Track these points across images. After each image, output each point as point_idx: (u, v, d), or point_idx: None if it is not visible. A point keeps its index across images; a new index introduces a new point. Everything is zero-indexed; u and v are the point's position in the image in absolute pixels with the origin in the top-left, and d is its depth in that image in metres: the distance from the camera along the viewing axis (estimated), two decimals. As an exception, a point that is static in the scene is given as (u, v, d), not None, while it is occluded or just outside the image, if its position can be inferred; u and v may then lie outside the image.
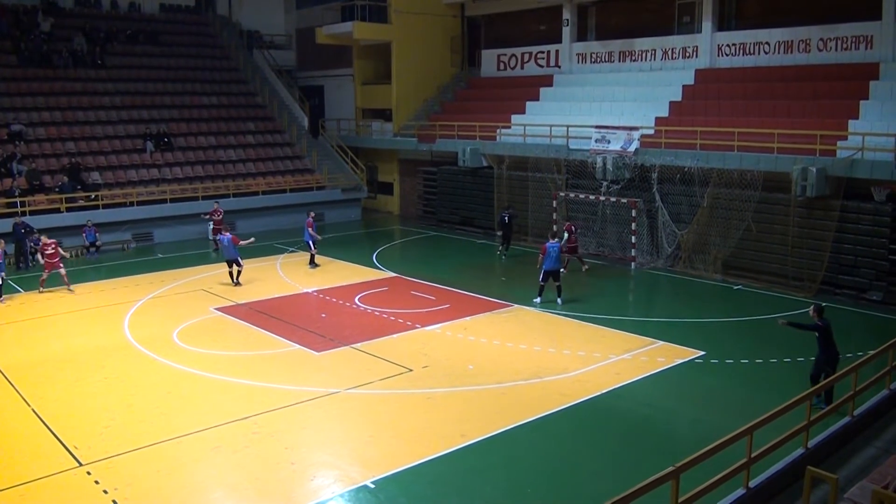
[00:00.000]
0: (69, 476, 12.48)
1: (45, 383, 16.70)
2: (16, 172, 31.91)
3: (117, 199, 32.61)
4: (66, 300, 23.83)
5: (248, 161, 37.99)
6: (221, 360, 17.88)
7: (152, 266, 28.16)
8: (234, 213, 34.92)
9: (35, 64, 37.64)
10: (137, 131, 36.77)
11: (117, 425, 14.42)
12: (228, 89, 41.89)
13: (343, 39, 40.87)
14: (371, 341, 18.90)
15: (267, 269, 27.38)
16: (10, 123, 34.04)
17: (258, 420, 14.40)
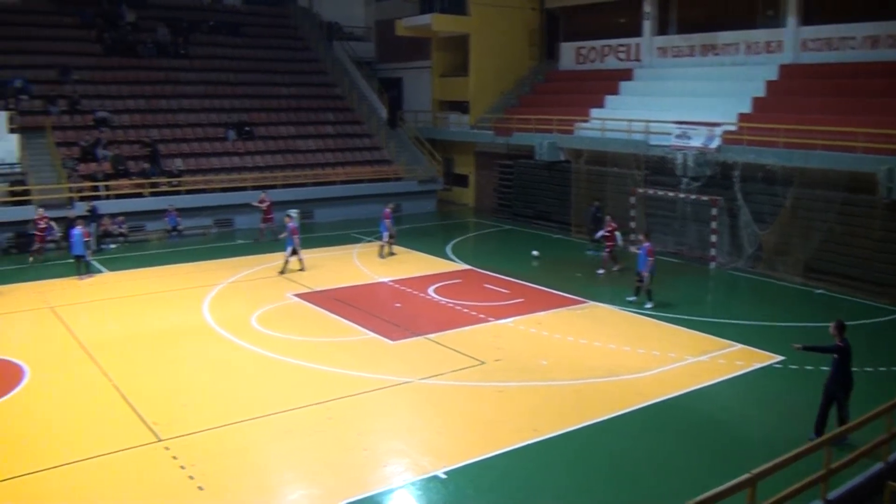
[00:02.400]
0: (148, 450, 12.90)
1: (127, 360, 17.27)
2: (101, 157, 32.98)
3: (199, 185, 33.42)
4: (148, 281, 24.57)
5: (326, 151, 38.49)
6: (297, 345, 18.18)
7: (232, 251, 28.80)
8: (313, 202, 35.53)
9: (120, 53, 38.88)
10: (219, 120, 37.61)
11: (195, 404, 14.82)
12: (308, 80, 42.49)
13: (422, 31, 41.06)
14: (444, 332, 18.98)
15: (344, 258, 27.74)
16: (95, 110, 35.19)
17: (332, 405, 14.60)
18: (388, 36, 44.70)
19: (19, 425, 14.04)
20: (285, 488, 11.83)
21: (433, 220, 36.92)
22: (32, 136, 32.58)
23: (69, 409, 14.75)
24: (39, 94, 34.94)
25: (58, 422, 14.16)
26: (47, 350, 18.12)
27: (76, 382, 16.07)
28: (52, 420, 14.24)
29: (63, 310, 21.35)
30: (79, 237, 24.98)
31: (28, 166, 31.24)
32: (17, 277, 25.35)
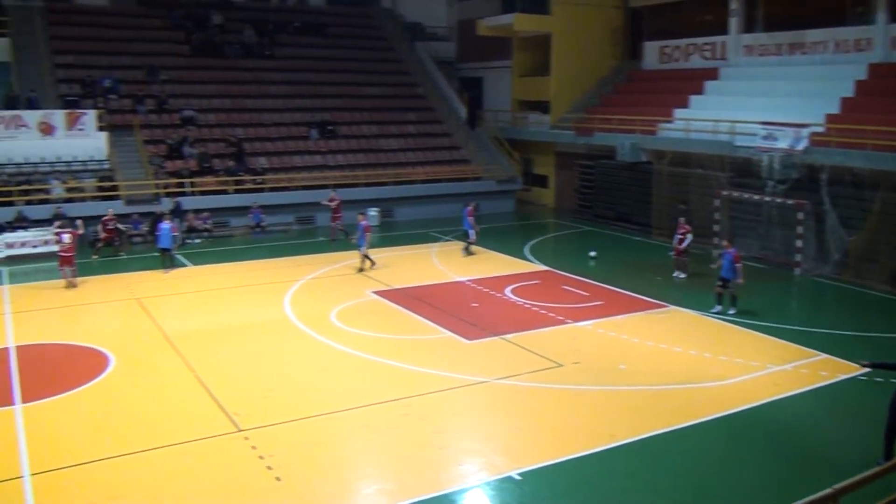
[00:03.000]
0: (228, 439, 13.20)
1: (209, 352, 17.71)
2: (187, 155, 33.92)
3: (282, 183, 34.06)
4: (231, 276, 25.16)
5: (407, 150, 38.78)
6: (376, 341, 18.35)
7: (313, 248, 29.27)
8: (393, 201, 35.85)
9: (207, 54, 40.00)
10: (303, 119, 38.26)
11: (275, 396, 15.09)
12: (390, 80, 42.86)
13: (503, 31, 41.00)
14: (521, 333, 18.90)
15: (422, 257, 27.91)
16: (182, 109, 36.23)
17: (409, 402, 14.69)
18: (470, 36, 44.78)
19: (102, 411, 14.54)
20: (361, 482, 11.95)
21: (511, 220, 36.82)
22: (121, 133, 33.71)
23: (152, 396, 15.20)
24: (128, 94, 36.16)
25: (140, 409, 14.60)
26: (132, 340, 18.71)
27: (159, 371, 16.56)
28: (134, 407, 14.70)
29: (148, 301, 22.03)
30: (167, 231, 25.82)
31: (116, 163, 32.32)
32: (105, 269, 26.32)
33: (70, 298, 22.86)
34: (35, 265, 26.55)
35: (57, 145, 31.83)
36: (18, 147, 31.31)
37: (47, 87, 34.74)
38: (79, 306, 22.04)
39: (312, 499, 11.33)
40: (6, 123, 31.20)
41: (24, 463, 12.41)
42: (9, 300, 22.53)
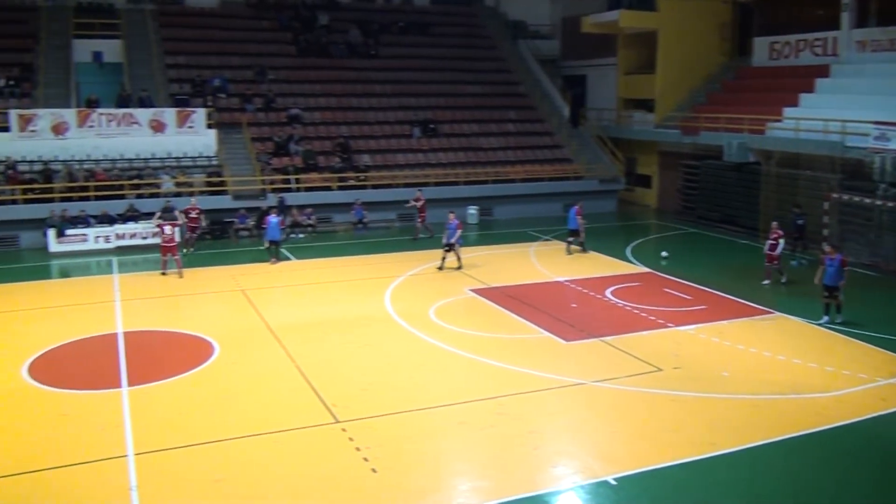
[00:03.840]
0: (325, 430, 13.50)
1: (311, 344, 18.13)
2: (293, 152, 34.79)
3: (384, 180, 34.53)
4: (333, 270, 25.73)
5: (507, 149, 38.75)
6: (473, 339, 18.42)
7: (414, 245, 29.58)
8: (492, 199, 35.91)
9: (313, 54, 40.93)
10: (406, 117, 38.71)
11: (373, 390, 15.33)
12: (492, 78, 42.89)
13: (608, 28, 40.48)
14: (621, 336, 18.64)
15: (521, 256, 27.86)
16: (289, 108, 37.21)
17: (504, 401, 14.69)
18: (574, 33, 44.35)
19: (206, 397, 15.09)
20: (455, 479, 12.03)
21: (613, 220, 36.34)
22: (229, 131, 34.88)
23: (253, 385, 15.66)
24: (236, 93, 37.35)
25: (242, 396, 15.08)
26: (236, 329, 19.32)
27: (262, 361, 17.05)
28: (237, 394, 15.19)
29: (253, 293, 22.71)
30: (275, 224, 26.65)
31: (224, 159, 33.44)
32: (212, 261, 27.28)
33: (178, 288, 23.80)
34: (144, 255, 27.69)
35: (168, 142, 33.20)
36: (130, 143, 32.80)
37: (158, 86, 36.18)
38: (186, 296, 22.91)
39: (407, 492, 11.47)
40: (119, 121, 32.71)
41: (128, 443, 13.01)
42: (118, 288, 23.65)
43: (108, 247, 29.15)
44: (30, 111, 32.06)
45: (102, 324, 19.84)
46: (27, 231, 29.69)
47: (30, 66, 36.05)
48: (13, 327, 19.91)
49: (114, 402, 14.79)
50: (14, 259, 28.26)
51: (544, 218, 35.04)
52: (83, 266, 27.36)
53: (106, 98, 35.06)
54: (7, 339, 18.76)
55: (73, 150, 32.07)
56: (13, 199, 29.81)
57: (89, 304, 22.01)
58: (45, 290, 24.23)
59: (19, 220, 29.63)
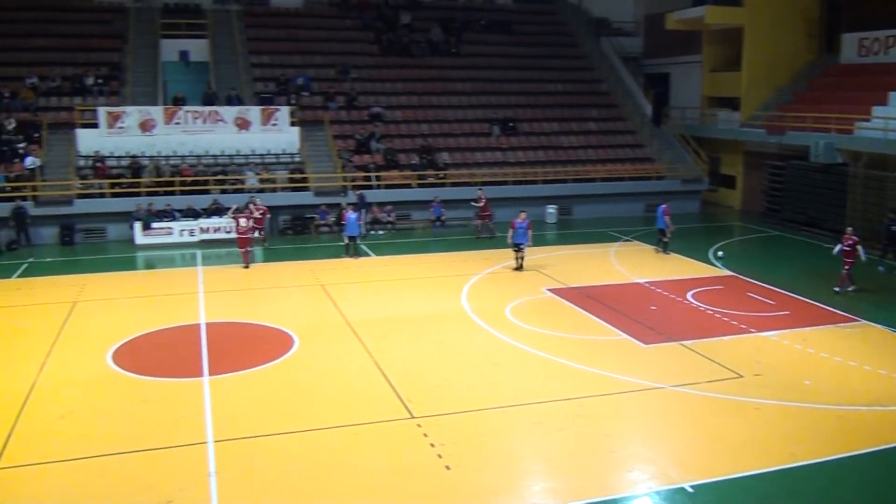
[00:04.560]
0: (400, 425, 13.63)
1: (388, 339, 18.31)
2: (374, 150, 35.16)
3: (463, 178, 34.60)
4: (411, 267, 25.96)
5: (588, 147, 38.40)
6: (550, 339, 18.31)
7: (491, 243, 29.55)
8: (572, 198, 35.67)
9: (395, 53, 41.32)
10: (485, 116, 38.73)
11: (449, 386, 15.40)
12: (574, 76, 42.58)
13: (693, 25, 39.70)
14: (701, 340, 18.25)
15: (600, 256, 27.59)
16: (370, 106, 37.66)
17: (581, 403, 14.57)
18: (658, 30, 43.67)
19: (284, 388, 15.40)
20: (529, 479, 11.98)
21: (696, 221, 35.61)
22: (312, 129, 35.48)
23: (331, 378, 15.92)
24: (319, 91, 37.97)
25: (320, 389, 15.34)
26: (315, 322, 19.68)
27: (340, 355, 17.30)
28: (314, 387, 15.46)
29: (332, 288, 23.04)
30: (353, 220, 27.11)
31: (307, 156, 34.00)
32: (293, 256, 27.85)
33: (259, 281, 24.37)
34: (227, 249, 28.32)
35: (252, 139, 33.95)
36: (216, 140, 33.69)
37: (243, 85, 37.03)
38: (267, 289, 23.38)
39: (480, 490, 11.47)
40: (204, 118, 33.61)
41: (208, 430, 13.38)
42: (202, 280, 24.31)
43: (193, 240, 29.98)
44: (118, 108, 33.23)
45: (186, 314, 20.44)
46: (114, 223, 30.77)
47: (118, 65, 37.35)
48: (100, 315, 20.66)
49: (195, 390, 15.21)
50: (102, 250, 29.32)
51: (625, 218, 34.66)
52: (168, 258, 28.20)
53: (192, 96, 36.09)
54: (94, 327, 19.48)
55: (160, 146, 33.08)
56: (101, 192, 30.92)
57: (174, 295, 22.68)
58: (132, 281, 25.11)
59: (107, 213, 30.75)
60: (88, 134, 32.61)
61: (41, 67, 36.16)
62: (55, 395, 15.11)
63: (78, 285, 23.54)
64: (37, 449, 12.79)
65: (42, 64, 36.43)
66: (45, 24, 38.53)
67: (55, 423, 13.79)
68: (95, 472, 12.08)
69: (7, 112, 33.46)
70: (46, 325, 19.49)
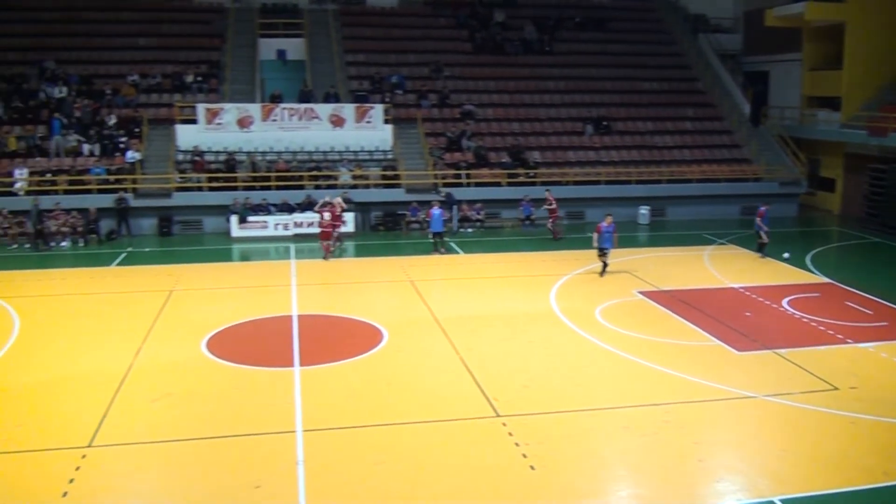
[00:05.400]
0: (485, 423, 13.68)
1: (475, 337, 18.39)
2: (465, 148, 35.32)
3: (554, 177, 34.42)
4: (499, 265, 26.00)
5: (684, 147, 37.71)
6: (640, 342, 18.08)
7: (582, 244, 29.26)
8: (666, 199, 35.09)
9: (488, 51, 41.39)
10: (578, 115, 38.43)
11: (535, 386, 15.37)
12: (670, 74, 41.86)
13: (793, 21, 38.52)
14: (796, 349, 17.71)
15: (694, 259, 27.08)
16: (462, 104, 37.79)
17: (670, 409, 14.35)
18: (757, 27, 42.46)
19: (372, 381, 15.65)
20: (614, 484, 11.89)
21: (793, 226, 34.59)
22: (405, 126, 35.85)
23: (418, 373, 16.13)
24: (412, 89, 38.36)
25: (407, 383, 15.55)
26: (404, 318, 19.90)
27: (427, 351, 17.50)
28: (402, 381, 15.67)
29: (421, 284, 23.28)
30: (438, 216, 27.44)
31: (399, 154, 34.37)
32: (383, 252, 28.24)
33: (350, 275, 24.82)
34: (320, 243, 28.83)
35: (346, 136, 34.53)
36: (311, 137, 34.39)
37: (339, 82, 37.64)
38: (358, 283, 23.77)
39: (564, 492, 11.45)
40: (301, 115, 34.35)
41: (298, 419, 13.70)
42: (295, 273, 24.84)
43: (287, 234, 30.66)
44: (216, 105, 34.26)
45: (279, 306, 20.97)
46: (211, 216, 31.75)
47: (217, 63, 38.50)
48: (195, 304, 21.42)
49: (286, 380, 15.60)
50: (199, 242, 30.29)
51: (720, 220, 33.92)
52: (262, 251, 28.94)
53: (288, 93, 36.86)
54: (190, 315, 20.19)
55: (257, 142, 33.94)
56: (199, 186, 31.93)
57: (267, 286, 23.27)
58: (227, 272, 25.91)
59: (204, 206, 31.76)
60: (187, 129, 33.70)
61: (143, 66, 37.63)
62: (150, 379, 15.74)
63: (174, 275, 24.39)
64: (130, 430, 13.36)
65: (143, 62, 37.92)
66: (147, 24, 40.17)
67: (149, 406, 14.38)
68: (186, 454, 12.55)
69: (109, 108, 34.94)
70: (143, 312, 20.28)
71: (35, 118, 34.10)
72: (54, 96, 34.96)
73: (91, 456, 12.36)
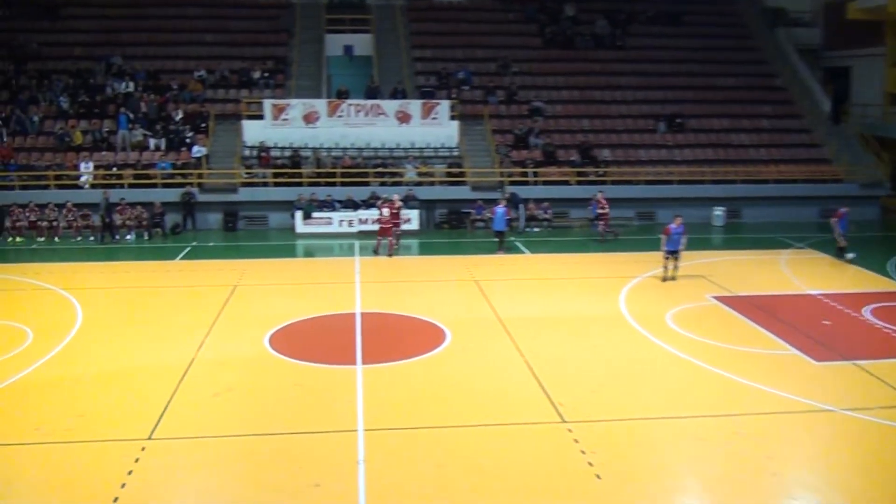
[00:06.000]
0: (550, 428, 13.46)
1: (540, 339, 18.18)
2: (532, 145, 35.08)
3: (625, 176, 33.98)
4: (567, 266, 25.81)
5: (760, 146, 36.89)
6: (713, 349, 17.63)
7: (653, 245, 28.77)
8: (741, 200, 34.33)
9: (558, 46, 41.10)
10: (651, 112, 37.89)
11: (603, 392, 15.11)
12: (746, 70, 40.97)
13: (876, 14, 37.34)
14: (878, 361, 16.99)
15: (770, 263, 26.43)
16: (531, 100, 37.52)
17: (742, 420, 13.93)
18: (838, 20, 41.31)
19: (435, 382, 15.59)
20: (684, 496, 11.60)
21: (874, 230, 33.45)
22: (471, 123, 35.82)
23: (482, 375, 15.96)
24: (480, 85, 38.26)
25: (470, 385, 15.41)
26: (468, 318, 19.79)
27: (491, 352, 17.34)
28: (465, 382, 15.54)
29: (485, 283, 23.16)
30: (501, 215, 27.37)
31: (465, 151, 34.29)
32: (448, 250, 28.23)
33: (414, 274, 24.93)
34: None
35: (412, 132, 34.63)
36: (377, 133, 34.62)
37: (405, 79, 37.76)
38: (421, 282, 23.82)
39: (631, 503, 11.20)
40: (367, 111, 34.55)
41: (359, 418, 13.70)
42: (359, 270, 24.99)
43: (351, 231, 30.87)
44: (283, 101, 34.72)
45: (342, 303, 21.09)
46: (276, 212, 32.16)
47: (283, 58, 38.99)
48: (259, 300, 21.67)
49: (348, 378, 15.63)
50: (264, 237, 30.71)
51: (798, 223, 33.05)
52: (327, 247, 29.19)
53: (355, 89, 37.13)
54: (252, 310, 20.44)
55: (322, 138, 34.26)
56: (265, 181, 32.35)
57: (331, 283, 23.48)
58: (290, 268, 26.26)
59: (270, 202, 32.18)
60: (254, 125, 34.19)
61: (209, 61, 38.31)
62: (211, 373, 15.94)
63: (238, 270, 24.73)
64: (191, 423, 13.54)
65: (210, 58, 38.62)
66: (213, 19, 41.02)
67: (209, 401, 14.55)
68: (245, 450, 12.63)
69: (175, 103, 35.63)
70: (207, 306, 20.60)
71: (101, 113, 35.00)
72: (121, 91, 35.81)
73: (151, 448, 12.54)
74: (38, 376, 15.72)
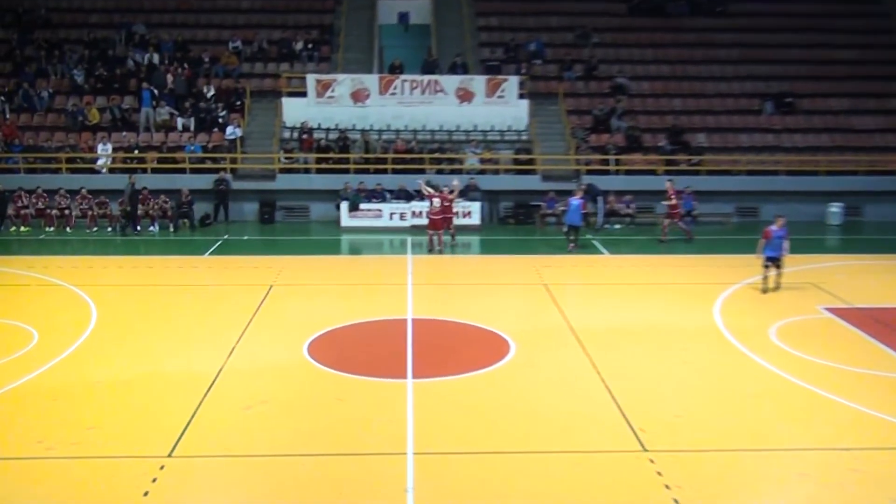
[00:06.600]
0: (629, 458, 13.30)
1: (618, 353, 18.07)
2: (615, 128, 34.76)
3: (722, 165, 33.55)
4: (651, 270, 25.63)
5: (888, 132, 36.16)
6: (825, 371, 17.30)
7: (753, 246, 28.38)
8: (863, 194, 33.75)
9: (647, 14, 40.76)
10: (755, 89, 37.45)
11: (692, 417, 14.91)
12: (872, 40, 40.37)
13: None
14: None
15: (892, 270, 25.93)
16: (613, 77, 37.24)
17: (859, 455, 13.59)
18: None
19: (495, 401, 15.52)
20: (787, 542, 11.42)
21: None
22: (543, 102, 35.78)
23: (549, 394, 15.89)
24: (554, 59, 38.11)
25: (536, 406, 15.32)
26: (535, 328, 19.81)
27: (561, 368, 17.27)
28: (529, 403, 15.45)
29: (557, 288, 23.10)
30: (576, 207, 27.46)
31: (535, 134, 34.17)
32: (514, 249, 28.28)
33: (475, 276, 25.04)
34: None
35: (475, 113, 34.64)
36: (434, 113, 34.73)
37: (468, 51, 37.81)
38: (483, 285, 23.88)
39: (724, 549, 11.07)
40: (423, 88, 34.57)
41: (409, 439, 13.72)
42: (411, 271, 25.14)
43: (404, 225, 31.04)
44: (329, 76, 34.97)
45: (392, 308, 21.22)
46: (319, 202, 32.49)
47: (330, 27, 39.29)
48: (298, 302, 21.99)
49: (397, 393, 15.69)
50: (304, 231, 31.10)
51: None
52: (375, 244, 29.41)
53: (410, 64, 37.25)
54: (290, 314, 20.73)
55: (372, 118, 34.46)
56: (306, 167, 32.61)
57: (379, 285, 23.70)
58: (334, 267, 26.59)
59: (312, 191, 32.49)
60: (295, 103, 34.55)
61: (245, 31, 38.85)
62: (242, 384, 16.11)
63: (275, 267, 25.05)
64: (217, 440, 13.69)
65: (246, 27, 39.15)
66: (251, -17, 41.20)
67: (239, 415, 14.70)
68: (277, 471, 12.71)
69: (206, 78, 36.11)
70: (239, 307, 20.88)
71: (122, 88, 35.61)
72: (144, 64, 36.39)
73: (171, 467, 12.69)
74: (42, 382, 16.06)
